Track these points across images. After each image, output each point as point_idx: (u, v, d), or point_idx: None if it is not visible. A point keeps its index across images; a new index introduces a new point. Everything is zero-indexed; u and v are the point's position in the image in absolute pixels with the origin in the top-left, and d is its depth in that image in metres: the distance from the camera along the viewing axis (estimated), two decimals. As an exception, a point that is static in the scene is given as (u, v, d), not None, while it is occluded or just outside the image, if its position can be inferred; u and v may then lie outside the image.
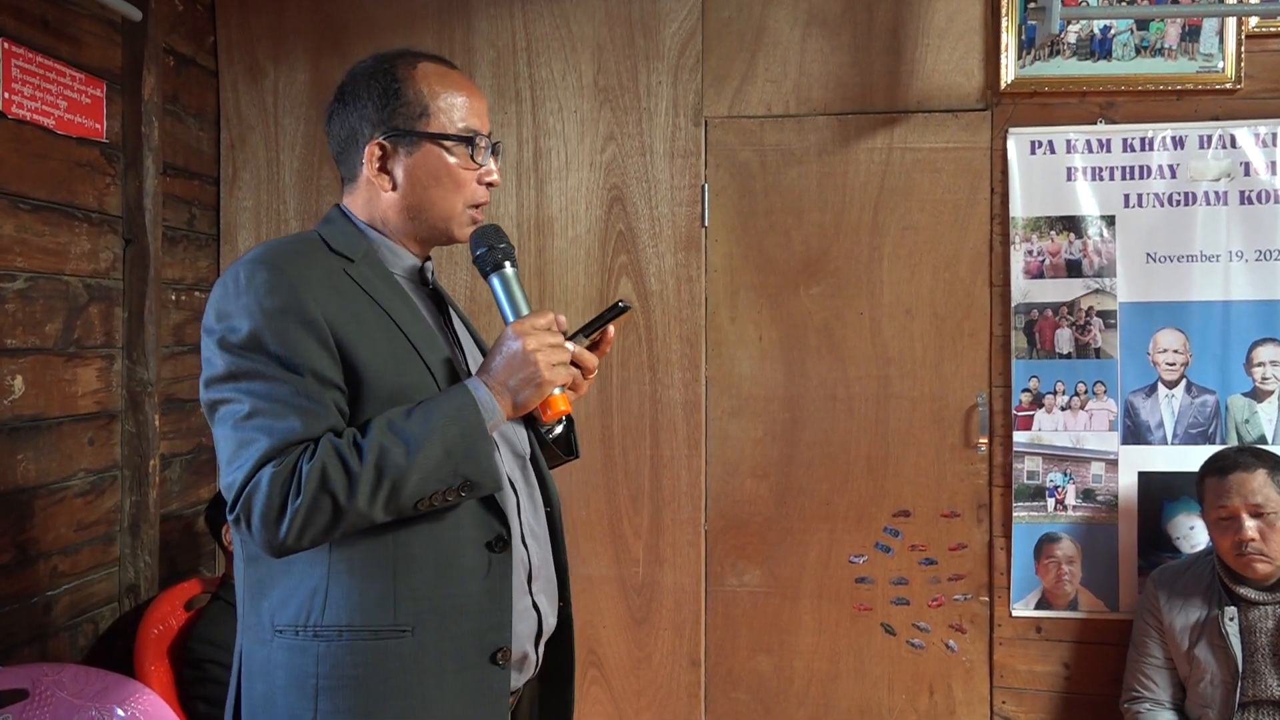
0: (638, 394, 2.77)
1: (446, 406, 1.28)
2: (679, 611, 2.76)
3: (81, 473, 2.35)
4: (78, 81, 2.31)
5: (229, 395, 1.25)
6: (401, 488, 1.23)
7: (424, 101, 1.37)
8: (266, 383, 1.24)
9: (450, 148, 1.38)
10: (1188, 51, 2.61)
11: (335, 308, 1.28)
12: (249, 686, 1.34)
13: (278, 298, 1.25)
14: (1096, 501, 2.64)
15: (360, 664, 1.27)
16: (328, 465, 1.21)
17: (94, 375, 2.39)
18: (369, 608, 1.27)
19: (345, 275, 1.33)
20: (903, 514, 2.71)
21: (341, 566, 1.28)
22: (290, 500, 1.20)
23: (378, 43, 2.85)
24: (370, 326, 1.30)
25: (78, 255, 2.33)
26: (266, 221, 2.90)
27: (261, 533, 1.22)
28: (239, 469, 1.23)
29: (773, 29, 2.75)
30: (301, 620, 1.28)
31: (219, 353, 1.26)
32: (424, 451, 1.23)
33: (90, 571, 2.38)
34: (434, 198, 1.39)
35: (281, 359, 1.24)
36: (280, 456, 1.22)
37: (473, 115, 1.40)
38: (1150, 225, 2.62)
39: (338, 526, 1.23)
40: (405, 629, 1.28)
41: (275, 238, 1.42)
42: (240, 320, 1.25)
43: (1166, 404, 2.62)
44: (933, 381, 2.70)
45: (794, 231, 2.75)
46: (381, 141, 1.37)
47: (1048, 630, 2.66)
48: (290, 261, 1.29)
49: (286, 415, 1.23)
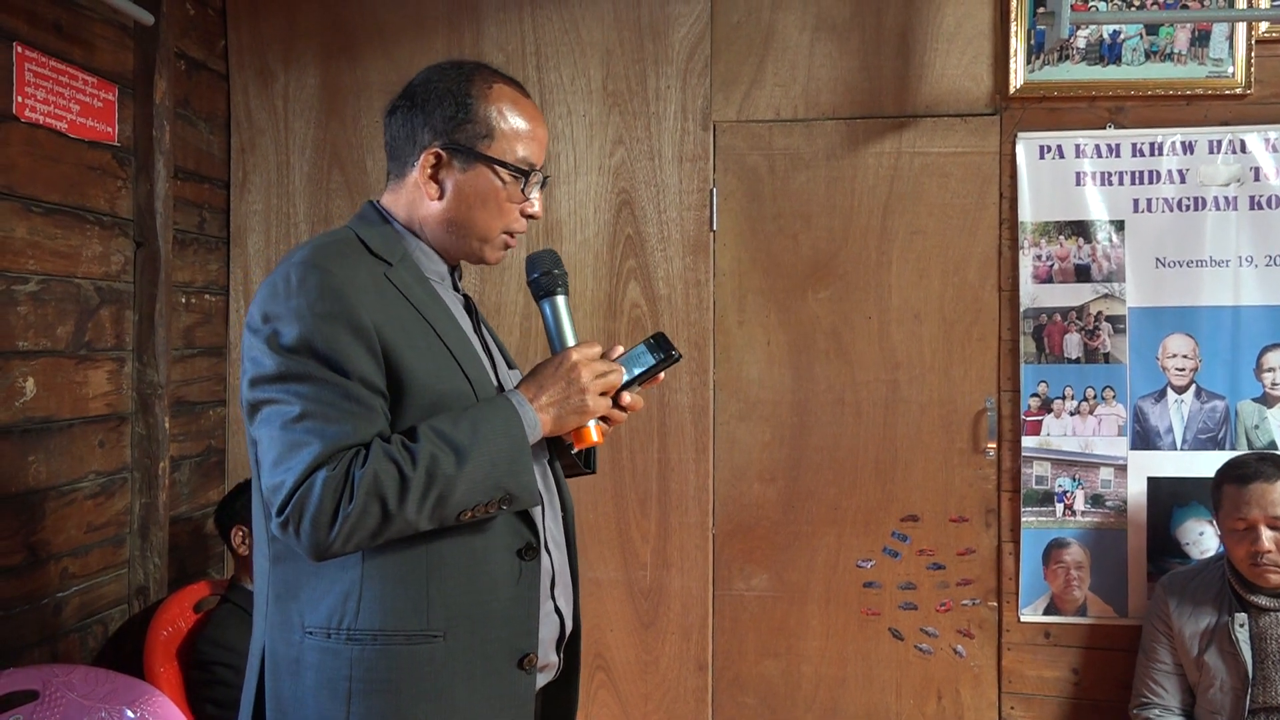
0: (645, 397, 2.74)
1: (494, 420, 1.29)
2: (686, 615, 2.76)
3: (92, 475, 2.35)
4: (90, 85, 2.32)
5: (277, 396, 1.26)
6: (449, 498, 1.25)
7: (491, 123, 1.38)
8: (316, 385, 1.24)
9: (504, 175, 1.39)
10: (1197, 56, 2.60)
11: (381, 315, 1.29)
12: (275, 685, 1.34)
13: (328, 303, 1.25)
14: (1105, 507, 2.63)
15: (393, 668, 1.28)
16: (380, 472, 1.22)
17: (104, 378, 2.40)
18: (403, 612, 1.29)
19: (386, 280, 1.33)
20: (911, 519, 2.71)
21: (375, 572, 1.29)
22: (342, 506, 1.21)
23: (388, 47, 2.86)
24: (413, 334, 1.32)
25: (89, 258, 2.34)
26: (276, 225, 2.90)
27: (311, 536, 1.22)
28: (289, 472, 1.23)
29: (781, 33, 2.75)
30: (334, 623, 1.29)
31: (268, 353, 1.26)
32: (472, 462, 1.25)
33: (100, 573, 2.39)
34: (476, 217, 1.40)
35: (331, 363, 1.24)
36: (332, 461, 1.22)
37: (533, 148, 1.42)
38: (1160, 230, 2.61)
39: (383, 532, 1.24)
40: (437, 634, 1.30)
41: (316, 236, 1.43)
42: (290, 322, 1.25)
43: (1176, 409, 2.61)
44: (941, 386, 2.69)
45: (802, 236, 2.75)
46: (439, 151, 1.38)
47: (1056, 636, 2.65)
48: (339, 264, 1.29)
49: (337, 419, 1.23)
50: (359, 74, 2.87)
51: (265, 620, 1.37)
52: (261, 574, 1.38)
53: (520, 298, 2.81)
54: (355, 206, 2.86)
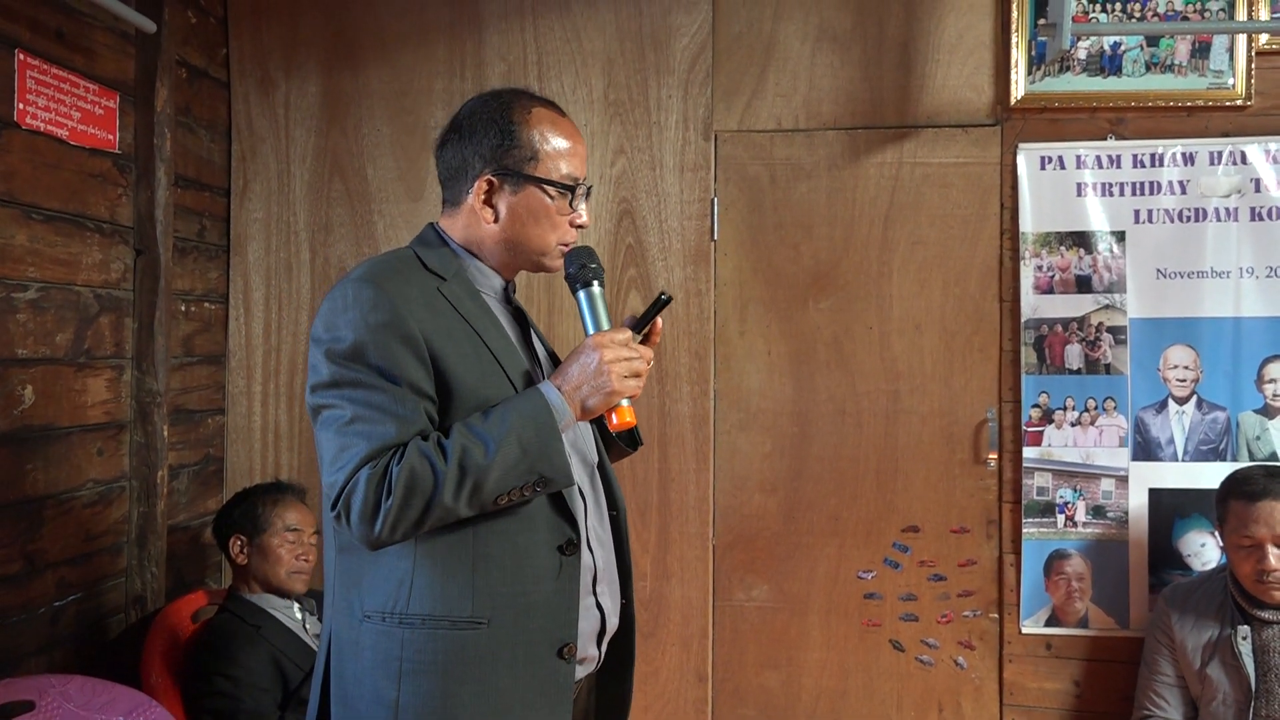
0: (646, 407, 2.77)
1: (523, 408, 1.39)
2: (686, 626, 2.75)
3: (90, 483, 2.35)
4: (91, 93, 2.33)
5: (332, 401, 1.38)
6: (483, 484, 1.35)
7: (535, 147, 1.50)
8: (367, 391, 1.36)
9: (551, 192, 1.51)
10: (1198, 68, 2.61)
11: (431, 325, 1.40)
12: (338, 664, 1.46)
13: (380, 314, 1.37)
14: (1107, 518, 2.63)
15: (441, 650, 1.39)
16: (416, 467, 1.33)
17: (103, 386, 2.39)
18: (450, 599, 1.40)
19: (439, 293, 1.45)
20: (912, 529, 2.70)
21: (425, 561, 1.40)
22: (384, 500, 1.32)
23: (389, 56, 2.86)
24: (460, 343, 1.43)
25: (89, 266, 2.34)
26: (276, 233, 2.90)
27: (360, 528, 1.34)
28: (340, 470, 1.35)
29: (783, 44, 2.76)
30: (389, 607, 1.41)
31: (325, 362, 1.39)
32: (503, 450, 1.35)
33: (98, 582, 2.38)
34: (530, 234, 1.52)
35: (382, 370, 1.36)
36: (376, 460, 1.34)
37: (575, 163, 1.53)
38: (1160, 241, 2.62)
39: (426, 520, 1.35)
40: (482, 621, 1.40)
41: (375, 255, 1.55)
42: (345, 333, 1.38)
43: (1177, 420, 2.61)
44: (942, 396, 2.69)
45: (803, 246, 2.75)
46: (491, 178, 1.50)
47: (1058, 647, 2.65)
48: (392, 280, 1.42)
49: (384, 421, 1.35)
50: (360, 82, 2.88)
51: (332, 606, 1.49)
52: (330, 564, 1.50)
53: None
54: (355, 215, 2.87)
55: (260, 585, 2.36)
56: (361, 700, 1.42)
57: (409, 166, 2.86)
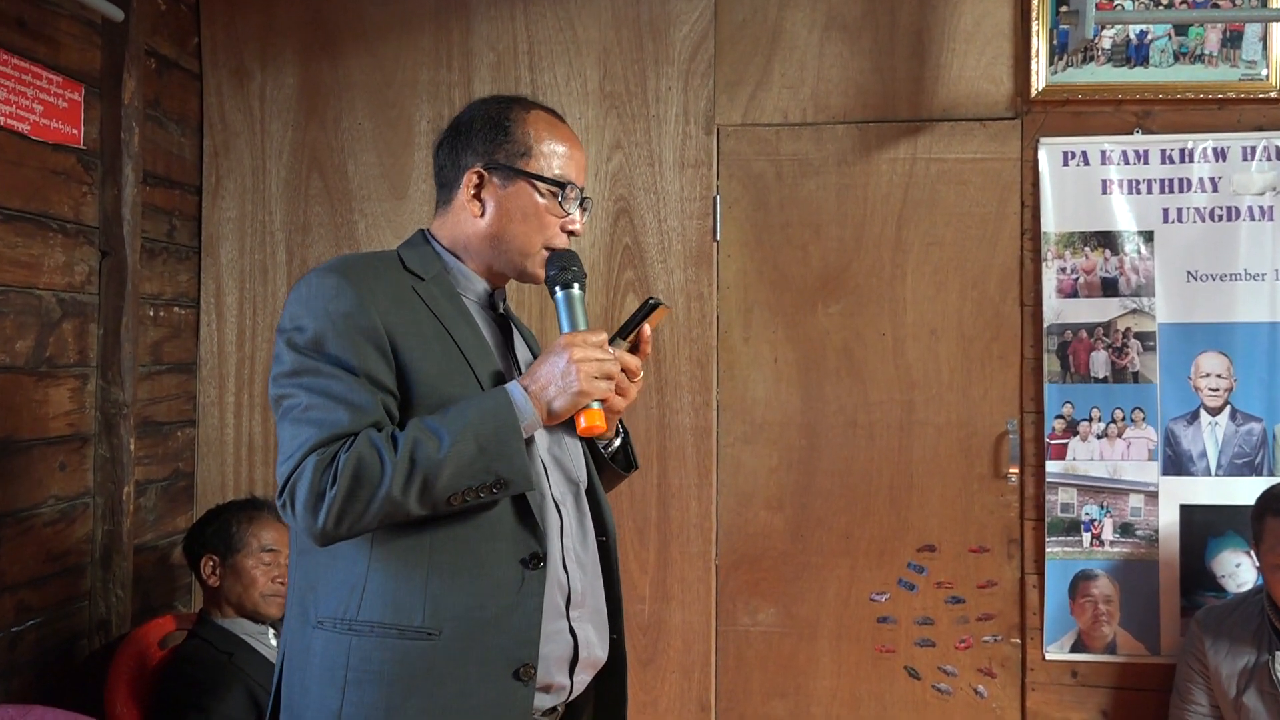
0: (644, 419, 2.76)
1: (483, 404, 1.41)
2: (688, 653, 2.74)
3: (51, 500, 2.33)
4: (55, 85, 2.32)
5: (290, 391, 1.41)
6: (435, 480, 1.36)
7: (529, 143, 1.54)
8: (324, 380, 1.40)
9: (542, 190, 1.54)
10: (1229, 58, 2.61)
11: (396, 318, 1.44)
12: (289, 674, 1.48)
13: (342, 304, 1.41)
14: (1135, 536, 2.62)
15: (387, 660, 1.40)
16: (364, 455, 1.35)
17: (66, 396, 2.38)
18: (401, 607, 1.40)
19: (413, 291, 1.49)
20: (928, 549, 2.69)
21: (380, 566, 1.42)
22: (328, 488, 1.34)
23: (371, 45, 2.86)
24: (428, 339, 1.45)
25: (51, 268, 2.33)
26: (251, 233, 2.90)
27: (304, 517, 1.36)
28: (289, 459, 1.38)
29: (789, 32, 2.76)
30: (339, 613, 1.42)
31: (287, 351, 1.43)
32: (457, 446, 1.36)
33: (59, 606, 2.36)
34: (517, 232, 1.54)
35: (340, 360, 1.40)
36: (325, 447, 1.36)
37: (570, 166, 1.57)
38: (1191, 241, 2.62)
39: (371, 512, 1.36)
40: (433, 632, 1.40)
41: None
42: (307, 322, 1.42)
43: (1210, 432, 2.60)
44: (960, 407, 2.69)
45: (811, 246, 2.75)
46: (480, 170, 1.54)
47: (1084, 675, 2.63)
48: (359, 272, 1.46)
49: (336, 409, 1.38)
50: (340, 73, 2.87)
51: (289, 612, 1.51)
52: (291, 569, 1.53)
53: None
54: (335, 213, 2.87)
55: (234, 609, 2.35)
56: (307, 710, 1.43)
57: (392, 162, 2.85)
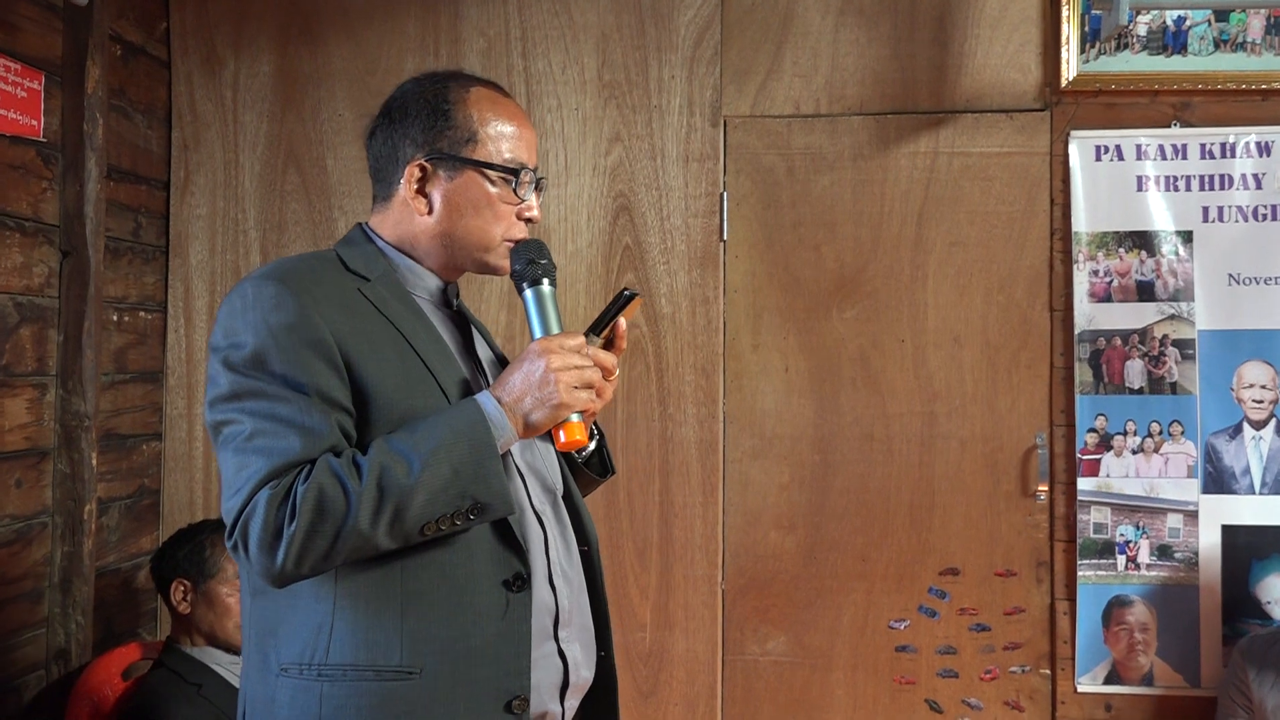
0: (646, 432, 2.76)
1: (455, 422, 1.35)
2: (691, 684, 2.73)
3: (6, 519, 2.32)
4: (13, 73, 2.32)
5: (232, 416, 1.35)
6: (406, 509, 1.31)
7: (473, 127, 1.49)
8: (270, 402, 1.33)
9: (493, 178, 1.49)
10: (1273, 46, 2.62)
11: (345, 326, 1.38)
12: None
13: (284, 314, 1.35)
14: (1174, 559, 2.61)
15: (365, 706, 1.34)
16: (325, 486, 1.29)
17: (23, 407, 2.37)
18: (375, 646, 1.36)
19: (359, 294, 1.43)
20: (950, 572, 2.69)
21: (347, 603, 1.36)
22: (286, 525, 1.28)
23: (353, 31, 2.85)
24: (382, 346, 1.40)
25: (7, 270, 2.32)
26: (223, 232, 2.89)
27: (260, 560, 1.30)
28: (237, 494, 1.31)
29: (801, 17, 2.76)
30: (306, 659, 1.37)
31: (223, 371, 1.36)
32: (429, 470, 1.31)
33: (14, 634, 2.35)
34: (470, 227, 1.49)
35: (286, 378, 1.33)
36: (278, 479, 1.30)
37: (521, 147, 1.52)
38: (1233, 242, 2.62)
39: (338, 550, 1.30)
40: (413, 671, 1.36)
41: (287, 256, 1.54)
42: (245, 337, 1.35)
43: (1254, 447, 2.60)
44: (985, 420, 2.69)
45: (825, 247, 2.75)
46: (423, 163, 1.49)
47: (1118, 708, 2.63)
48: (299, 278, 1.39)
49: (287, 435, 1.32)
50: (319, 61, 2.87)
51: (247, 661, 1.45)
52: (245, 613, 1.47)
53: (502, 315, 2.80)
54: (313, 211, 2.87)
55: (204, 638, 2.33)
56: None
57: (375, 156, 2.84)
